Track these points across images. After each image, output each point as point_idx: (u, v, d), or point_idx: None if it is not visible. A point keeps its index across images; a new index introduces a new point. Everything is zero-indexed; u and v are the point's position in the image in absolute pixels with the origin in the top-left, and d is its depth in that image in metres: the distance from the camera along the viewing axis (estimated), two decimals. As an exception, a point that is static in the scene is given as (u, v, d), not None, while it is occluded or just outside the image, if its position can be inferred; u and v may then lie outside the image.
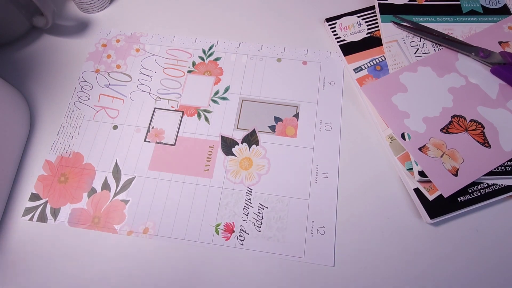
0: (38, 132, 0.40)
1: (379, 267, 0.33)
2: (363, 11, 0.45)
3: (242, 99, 0.41)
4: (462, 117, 0.37)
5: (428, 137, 0.36)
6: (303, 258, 0.34)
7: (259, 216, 0.36)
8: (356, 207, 0.36)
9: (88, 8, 0.47)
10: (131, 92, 0.42)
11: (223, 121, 0.40)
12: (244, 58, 0.44)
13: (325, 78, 0.42)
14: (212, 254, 0.34)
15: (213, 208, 0.36)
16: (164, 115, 0.41)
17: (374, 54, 0.42)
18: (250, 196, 0.37)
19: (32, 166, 0.39)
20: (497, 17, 0.44)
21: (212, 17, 0.47)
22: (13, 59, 0.45)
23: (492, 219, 0.35)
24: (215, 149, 0.39)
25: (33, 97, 0.42)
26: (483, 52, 0.40)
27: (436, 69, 0.40)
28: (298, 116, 0.40)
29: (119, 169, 0.38)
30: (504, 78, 0.39)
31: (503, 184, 0.35)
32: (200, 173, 0.38)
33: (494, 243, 0.34)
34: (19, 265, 0.34)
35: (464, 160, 0.35)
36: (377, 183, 0.37)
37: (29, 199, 0.37)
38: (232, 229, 0.35)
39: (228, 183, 0.37)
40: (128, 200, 0.37)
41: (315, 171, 0.38)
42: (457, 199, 0.34)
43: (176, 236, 0.35)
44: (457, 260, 0.33)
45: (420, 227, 0.35)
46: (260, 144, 0.39)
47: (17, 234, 0.36)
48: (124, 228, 0.36)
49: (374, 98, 0.39)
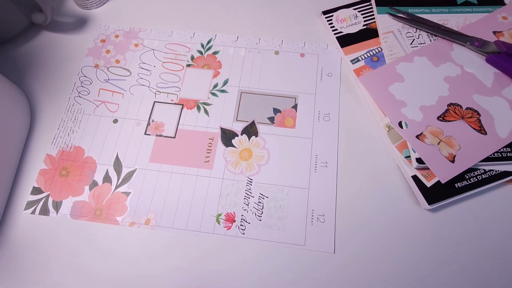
0: (39, 127, 0.41)
1: (379, 253, 0.34)
2: (359, 4, 0.46)
3: (241, 92, 0.42)
4: (458, 105, 0.38)
5: (425, 125, 0.37)
6: (304, 245, 0.34)
7: (259, 206, 0.36)
8: (355, 195, 0.36)
9: (87, 4, 0.47)
10: (131, 86, 0.43)
11: (222, 114, 0.41)
12: (242, 51, 0.45)
13: (322, 70, 0.43)
14: (213, 244, 0.35)
15: (214, 198, 0.37)
16: (164, 109, 0.41)
17: (371, 45, 0.43)
18: (251, 186, 0.37)
19: (33, 161, 0.39)
20: (491, 7, 0.44)
21: (210, 11, 0.48)
22: (13, 55, 0.45)
23: (489, 204, 0.35)
24: (215, 141, 0.39)
25: (33, 93, 0.43)
26: (478, 42, 0.40)
27: (432, 59, 0.41)
28: (296, 107, 0.41)
29: (120, 162, 0.39)
30: (499, 66, 0.39)
31: (499, 170, 0.35)
32: (200, 165, 0.38)
33: (492, 229, 0.34)
34: (22, 258, 0.35)
35: (460, 147, 0.36)
36: (375, 171, 0.37)
37: (31, 193, 0.37)
38: (233, 219, 0.36)
39: (228, 174, 0.38)
40: (130, 192, 0.37)
41: (314, 161, 0.38)
42: (454, 185, 0.35)
43: (178, 226, 0.35)
44: (455, 246, 0.34)
45: (419, 213, 0.35)
46: (260, 135, 0.39)
47: (20, 228, 0.36)
48: (126, 220, 0.36)
49: (371, 88, 0.40)
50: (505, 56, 0.39)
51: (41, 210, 0.37)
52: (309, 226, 0.35)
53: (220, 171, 0.38)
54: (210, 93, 0.42)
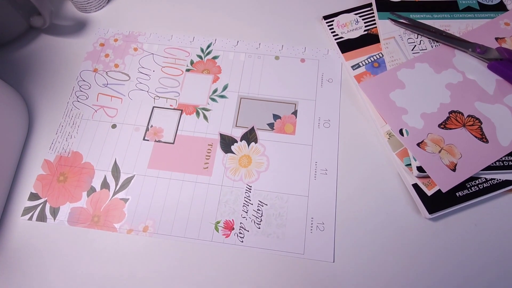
0: (37, 132, 0.40)
1: (379, 263, 0.33)
2: (361, 9, 0.46)
3: (240, 97, 0.42)
4: (459, 112, 0.38)
5: (426, 132, 0.37)
6: (303, 254, 0.34)
7: (258, 213, 0.36)
8: (355, 203, 0.36)
9: (86, 7, 0.47)
10: (130, 91, 0.42)
11: (222, 119, 0.40)
12: (242, 56, 0.44)
13: (323, 76, 0.43)
14: (212, 252, 0.34)
15: (213, 205, 0.36)
16: (162, 114, 0.41)
17: (372, 51, 0.43)
18: (250, 193, 0.37)
19: (31, 166, 0.39)
20: (493, 13, 0.44)
21: (210, 16, 0.47)
22: (11, 59, 0.45)
23: (490, 214, 0.35)
24: (214, 147, 0.39)
25: (31, 97, 0.42)
26: (480, 48, 0.40)
27: (434, 65, 0.40)
28: (296, 114, 0.40)
29: (119, 168, 0.38)
30: (501, 73, 0.39)
31: (501, 178, 0.35)
32: (199, 171, 0.38)
33: (493, 238, 0.34)
34: (19, 265, 0.34)
35: (462, 155, 0.35)
36: (375, 179, 0.37)
37: (28, 199, 0.37)
38: (232, 227, 0.35)
39: (227, 180, 0.37)
40: (128, 199, 0.37)
41: (314, 168, 0.38)
42: (455, 194, 0.34)
43: (176, 234, 0.35)
44: (456, 255, 0.34)
45: (419, 223, 0.35)
46: (259, 141, 0.39)
47: (17, 234, 0.36)
48: (124, 227, 0.36)
49: (372, 95, 0.39)
50: (507, 63, 0.39)
51: (38, 217, 0.36)
52: (309, 234, 0.35)
53: (219, 178, 0.37)
54: (210, 99, 0.42)
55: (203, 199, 0.37)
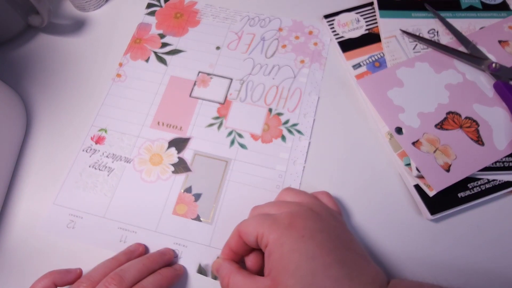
0: (35, 132, 0.40)
1: (380, 263, 0.33)
2: (362, 7, 0.45)
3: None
4: (457, 114, 0.37)
5: (422, 132, 0.36)
6: (303, 256, 0.34)
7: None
8: (356, 204, 0.36)
9: (84, 6, 0.46)
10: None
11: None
12: (242, 55, 0.44)
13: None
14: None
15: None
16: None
17: (373, 50, 0.42)
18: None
19: (29, 166, 0.38)
20: (496, 12, 0.43)
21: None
22: (9, 58, 0.44)
23: (493, 215, 0.35)
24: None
25: (29, 97, 0.42)
26: (494, 65, 0.38)
27: (434, 65, 0.40)
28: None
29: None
30: (505, 98, 0.37)
31: (503, 180, 0.35)
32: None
33: (495, 239, 0.34)
34: (19, 265, 0.34)
35: (456, 157, 0.35)
36: (377, 180, 0.37)
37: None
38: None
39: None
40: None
41: (315, 169, 0.37)
42: (457, 195, 0.34)
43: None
44: (458, 257, 0.33)
45: (421, 224, 0.35)
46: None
47: (17, 234, 0.35)
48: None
49: (369, 92, 0.39)
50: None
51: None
52: (309, 235, 0.34)
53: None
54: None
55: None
